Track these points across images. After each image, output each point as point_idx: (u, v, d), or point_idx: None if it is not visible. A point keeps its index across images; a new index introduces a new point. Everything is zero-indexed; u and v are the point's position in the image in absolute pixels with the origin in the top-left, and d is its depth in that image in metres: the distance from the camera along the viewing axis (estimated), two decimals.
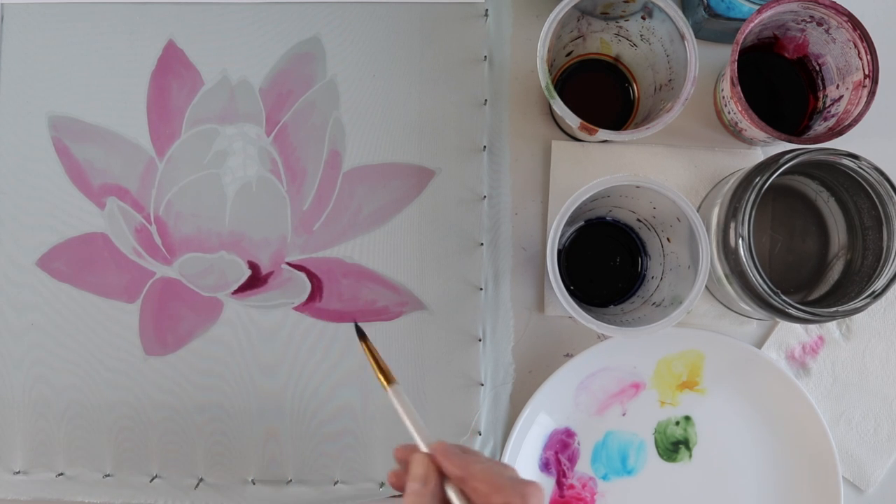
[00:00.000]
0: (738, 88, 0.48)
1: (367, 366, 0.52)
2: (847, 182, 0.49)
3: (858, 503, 0.55)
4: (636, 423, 0.55)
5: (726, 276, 0.48)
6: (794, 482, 0.54)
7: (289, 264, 0.54)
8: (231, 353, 0.54)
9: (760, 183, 0.46)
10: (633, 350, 0.54)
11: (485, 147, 0.55)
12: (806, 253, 0.54)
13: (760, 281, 0.46)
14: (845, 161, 0.46)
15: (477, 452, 0.39)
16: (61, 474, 0.54)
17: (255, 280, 0.55)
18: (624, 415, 0.55)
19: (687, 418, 0.55)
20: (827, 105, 0.52)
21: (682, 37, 0.47)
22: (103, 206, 0.55)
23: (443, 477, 0.37)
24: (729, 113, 0.52)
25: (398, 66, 0.55)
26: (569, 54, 0.54)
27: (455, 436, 0.53)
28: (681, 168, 0.55)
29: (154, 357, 0.54)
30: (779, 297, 0.46)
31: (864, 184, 0.47)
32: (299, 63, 0.55)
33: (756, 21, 0.47)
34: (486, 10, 0.55)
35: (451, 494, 0.36)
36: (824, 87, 0.52)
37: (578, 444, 0.55)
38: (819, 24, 0.49)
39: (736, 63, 0.48)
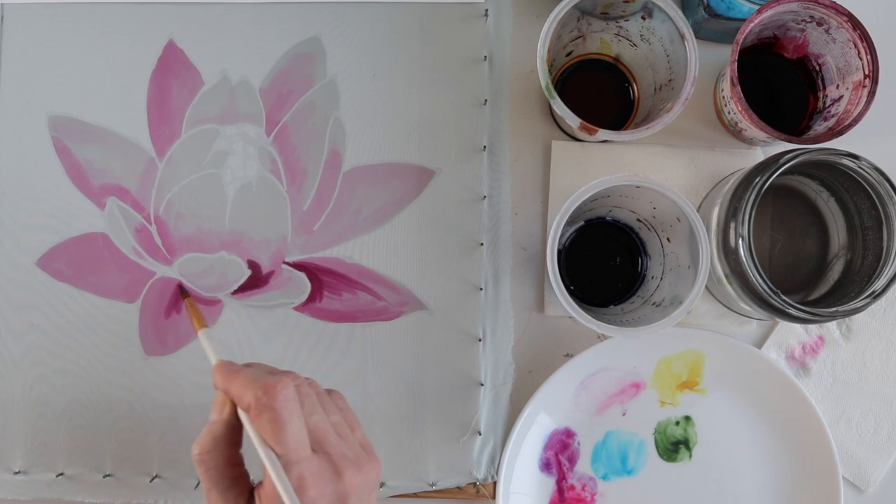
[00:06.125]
0: (738, 88, 0.48)
1: (368, 366, 0.54)
2: (847, 182, 0.49)
3: (858, 503, 0.55)
4: (636, 423, 0.55)
5: (726, 276, 0.48)
6: (794, 482, 0.54)
7: (288, 264, 0.54)
8: (231, 354, 0.54)
9: (760, 183, 0.46)
10: (633, 350, 0.54)
11: (485, 147, 0.55)
12: (806, 253, 0.54)
13: (760, 281, 0.46)
14: (845, 161, 0.46)
15: (261, 365, 0.41)
16: (61, 474, 0.54)
17: (256, 280, 0.55)
18: (624, 415, 0.55)
19: (687, 418, 0.55)
20: (827, 105, 0.52)
21: (682, 37, 0.47)
22: (103, 206, 0.55)
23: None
24: (729, 113, 0.52)
25: (398, 66, 0.55)
26: (569, 54, 0.54)
27: (455, 436, 0.53)
28: (681, 168, 0.55)
29: (154, 357, 0.54)
30: (779, 297, 0.46)
31: (864, 184, 0.47)
32: (299, 63, 0.55)
33: (756, 21, 0.47)
34: (486, 10, 0.55)
35: (242, 417, 0.39)
36: (824, 87, 0.52)
37: (578, 444, 0.55)
38: (819, 24, 0.49)
39: (736, 63, 0.48)
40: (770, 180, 0.46)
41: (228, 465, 0.39)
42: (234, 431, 0.39)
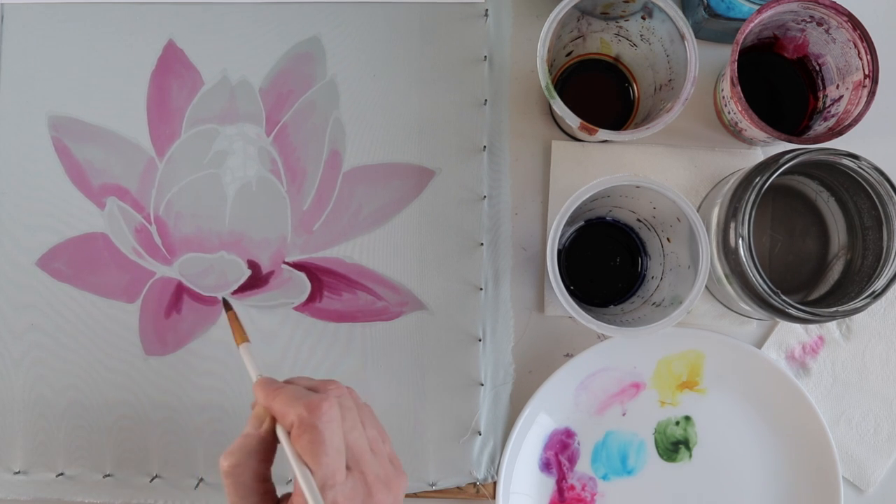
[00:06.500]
0: (738, 88, 0.48)
1: (368, 365, 0.54)
2: (847, 182, 0.49)
3: (858, 503, 0.55)
4: (636, 423, 0.55)
5: (726, 276, 0.48)
6: (794, 482, 0.54)
7: (288, 264, 0.54)
8: (231, 354, 0.54)
9: (760, 183, 0.46)
10: (633, 350, 0.54)
11: (485, 147, 0.55)
12: (806, 253, 0.54)
13: (760, 281, 0.46)
14: (845, 161, 0.46)
15: (302, 380, 0.40)
16: (61, 474, 0.54)
17: (256, 280, 0.55)
18: (624, 415, 0.55)
19: (687, 418, 0.55)
20: (827, 105, 0.52)
21: (682, 37, 0.47)
22: (103, 206, 0.55)
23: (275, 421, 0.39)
24: (729, 113, 0.52)
25: (398, 66, 0.55)
26: (569, 54, 0.54)
27: (455, 436, 0.53)
28: (681, 168, 0.55)
29: (154, 357, 0.54)
30: (779, 297, 0.46)
31: (864, 184, 0.47)
32: (299, 63, 0.55)
33: (756, 21, 0.47)
34: (486, 10, 0.55)
35: (281, 435, 0.38)
36: (824, 87, 0.52)
37: (578, 444, 0.55)
38: (819, 24, 0.49)
39: (736, 63, 0.48)
40: (770, 180, 0.46)
41: (258, 479, 0.38)
42: (267, 447, 0.38)
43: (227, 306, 0.51)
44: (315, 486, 0.35)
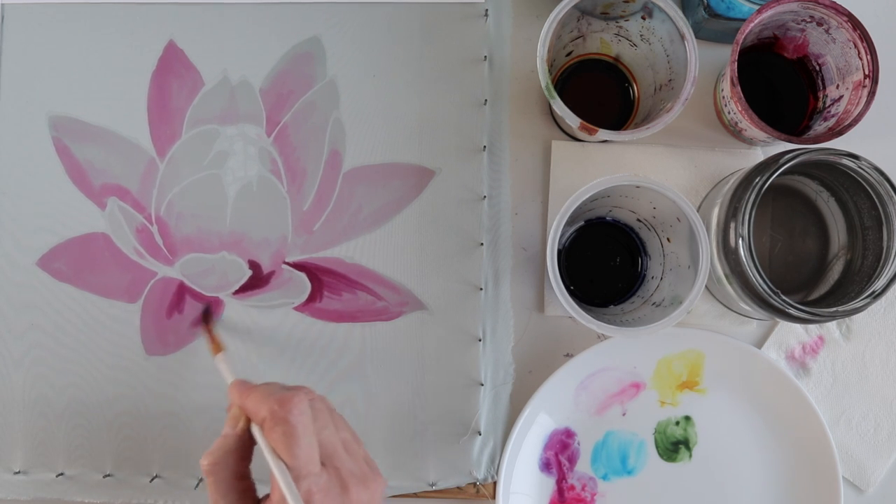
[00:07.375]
0: (738, 88, 0.48)
1: (368, 366, 0.54)
2: (847, 182, 0.49)
3: (858, 503, 0.55)
4: (636, 423, 0.55)
5: (726, 276, 0.48)
6: (794, 482, 0.54)
7: (289, 264, 0.55)
8: (231, 354, 0.54)
9: (760, 183, 0.46)
10: (633, 350, 0.54)
11: (485, 147, 0.55)
12: (806, 253, 0.54)
13: (760, 281, 0.46)
14: (845, 161, 0.46)
15: (275, 383, 0.42)
16: (61, 474, 0.54)
17: (256, 280, 0.55)
18: (624, 415, 0.55)
19: (687, 418, 0.55)
20: (827, 105, 0.52)
21: (682, 37, 0.47)
22: (104, 207, 0.55)
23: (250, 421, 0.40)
24: (729, 113, 0.52)
25: (398, 66, 0.55)
26: (569, 54, 0.54)
27: (455, 435, 0.53)
28: (681, 168, 0.55)
29: (155, 357, 0.55)
30: (779, 297, 0.46)
31: (864, 184, 0.47)
32: (299, 63, 0.55)
33: (756, 21, 0.47)
34: (486, 10, 0.55)
35: (255, 431, 0.39)
36: (824, 87, 0.52)
37: (578, 444, 0.55)
38: (819, 24, 0.49)
39: (736, 63, 0.48)
40: (770, 180, 0.46)
41: (237, 477, 0.39)
42: (245, 446, 0.40)
43: (206, 319, 0.52)
44: (290, 476, 0.36)
